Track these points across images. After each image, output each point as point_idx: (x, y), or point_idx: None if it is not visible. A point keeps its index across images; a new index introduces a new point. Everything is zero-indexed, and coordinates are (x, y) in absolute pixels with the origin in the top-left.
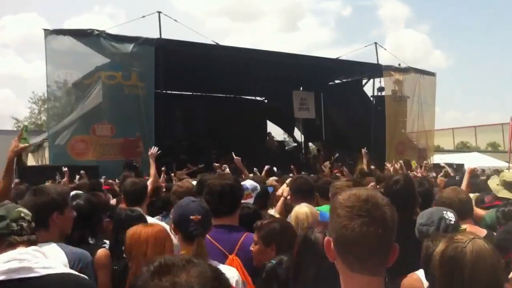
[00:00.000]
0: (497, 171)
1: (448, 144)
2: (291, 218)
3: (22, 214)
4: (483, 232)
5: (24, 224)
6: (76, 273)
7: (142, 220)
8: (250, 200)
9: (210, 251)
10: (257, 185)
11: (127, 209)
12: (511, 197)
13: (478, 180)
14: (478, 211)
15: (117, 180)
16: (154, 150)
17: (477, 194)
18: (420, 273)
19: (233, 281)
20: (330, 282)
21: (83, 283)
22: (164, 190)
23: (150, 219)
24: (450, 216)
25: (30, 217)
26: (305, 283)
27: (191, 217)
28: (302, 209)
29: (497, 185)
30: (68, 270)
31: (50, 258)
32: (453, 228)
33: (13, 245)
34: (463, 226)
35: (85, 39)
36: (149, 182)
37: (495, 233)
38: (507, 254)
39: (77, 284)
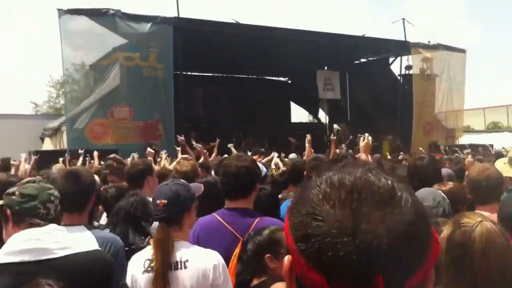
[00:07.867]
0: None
1: (479, 125)
2: None
3: (52, 198)
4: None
5: (52, 208)
6: (99, 249)
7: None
8: None
9: (222, 233)
10: None
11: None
12: None
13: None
14: None
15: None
16: (182, 137)
17: None
18: None
19: (210, 266)
20: None
21: (100, 261)
22: None
23: None
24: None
25: (59, 200)
26: None
27: (157, 201)
28: None
29: (504, 163)
30: (89, 247)
31: (78, 240)
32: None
33: (32, 226)
34: (485, 213)
35: (100, 19)
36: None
37: None
38: None
39: (94, 263)
